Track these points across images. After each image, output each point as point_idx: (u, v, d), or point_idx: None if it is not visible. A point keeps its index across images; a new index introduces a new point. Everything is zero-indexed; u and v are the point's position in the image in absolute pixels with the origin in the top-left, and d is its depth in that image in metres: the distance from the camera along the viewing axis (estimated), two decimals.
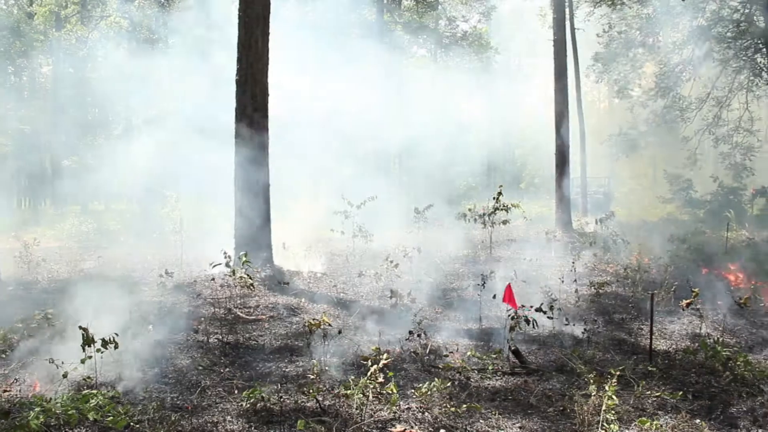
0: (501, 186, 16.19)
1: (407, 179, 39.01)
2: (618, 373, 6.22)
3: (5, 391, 6.78)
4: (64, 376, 6.72)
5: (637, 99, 31.61)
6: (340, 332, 8.94)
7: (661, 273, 12.82)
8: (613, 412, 5.81)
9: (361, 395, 6.23)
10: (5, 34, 34.80)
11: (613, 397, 5.81)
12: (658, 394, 6.69)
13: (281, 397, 6.66)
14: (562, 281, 12.14)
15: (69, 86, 41.10)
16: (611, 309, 10.72)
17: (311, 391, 6.36)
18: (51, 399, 5.87)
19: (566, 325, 9.41)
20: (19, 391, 6.92)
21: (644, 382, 6.85)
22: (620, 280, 12.74)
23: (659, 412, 6.32)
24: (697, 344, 8.53)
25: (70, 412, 5.68)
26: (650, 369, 7.50)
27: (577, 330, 9.26)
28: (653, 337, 8.34)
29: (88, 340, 6.53)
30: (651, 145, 31.52)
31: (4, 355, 8.17)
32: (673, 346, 8.77)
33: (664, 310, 10.59)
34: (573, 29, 28.29)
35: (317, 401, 6.41)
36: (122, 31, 32.80)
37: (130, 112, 22.47)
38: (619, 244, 13.77)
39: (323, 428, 5.80)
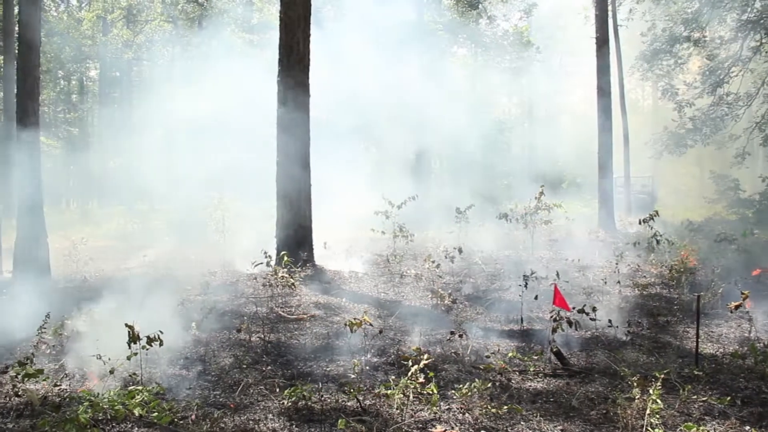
0: (542, 186, 16.05)
1: (448, 178, 38.90)
2: (663, 376, 6.11)
3: (56, 385, 6.94)
4: (111, 372, 6.85)
5: (683, 96, 31.05)
6: (380, 332, 8.96)
7: (707, 274, 12.57)
8: (657, 416, 5.71)
9: (402, 395, 6.23)
10: (56, 40, 35.64)
11: (658, 401, 5.72)
12: (704, 398, 6.55)
13: (322, 395, 6.70)
14: (605, 282, 11.99)
15: (115, 89, 41.97)
16: (656, 311, 10.54)
17: (352, 390, 6.38)
18: (99, 394, 5.99)
19: (609, 327, 9.28)
20: (69, 385, 7.08)
21: (690, 387, 6.71)
22: (665, 281, 12.52)
23: (706, 418, 6.19)
24: (746, 348, 8.32)
25: (116, 408, 5.79)
26: (696, 373, 7.33)
27: (621, 332, 9.13)
28: (699, 340, 8.18)
29: (133, 338, 6.64)
30: (696, 143, 30.90)
31: (54, 351, 8.38)
32: (721, 350, 8.58)
33: (710, 312, 10.37)
34: (616, 26, 27.92)
35: (358, 401, 6.43)
36: (166, 34, 33.32)
37: (174, 114, 22.80)
38: (664, 244, 13.53)
39: (363, 428, 5.82)
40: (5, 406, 6.46)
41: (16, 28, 14.72)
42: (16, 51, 14.70)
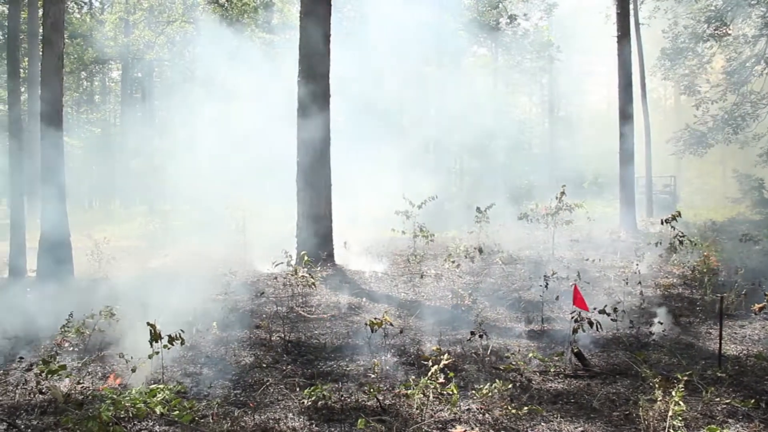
0: (564, 186, 15.96)
1: (469, 178, 38.83)
2: (685, 378, 6.05)
3: (79, 383, 7.02)
4: (133, 370, 6.91)
5: (705, 95, 30.74)
6: (401, 332, 8.97)
7: (731, 275, 12.44)
8: (680, 418, 5.66)
9: (422, 395, 6.24)
10: (79, 42, 36.04)
11: (680, 402, 5.67)
12: (728, 401, 6.48)
13: (342, 395, 6.72)
14: (626, 283, 11.90)
15: (137, 89, 42.33)
16: (678, 312, 10.45)
17: (372, 390, 6.39)
18: (121, 392, 6.05)
19: (630, 327, 9.22)
20: (92, 383, 7.16)
21: (713, 389, 6.65)
22: (687, 282, 12.40)
23: (729, 420, 6.12)
24: None
25: (138, 406, 5.84)
26: (719, 375, 7.26)
27: (642, 333, 9.06)
28: (723, 341, 8.09)
29: (155, 336, 6.69)
30: (719, 142, 30.59)
31: (77, 349, 8.47)
32: (744, 352, 8.48)
33: (734, 313, 10.26)
34: (637, 25, 27.66)
35: (378, 400, 6.44)
36: (187, 35, 33.56)
37: (195, 114, 22.97)
38: (686, 245, 13.42)
39: (383, 427, 5.82)
40: (30, 403, 6.55)
41: (41, 30, 14.90)
42: (41, 53, 14.89)
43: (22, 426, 6.02)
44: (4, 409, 6.45)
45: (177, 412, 5.82)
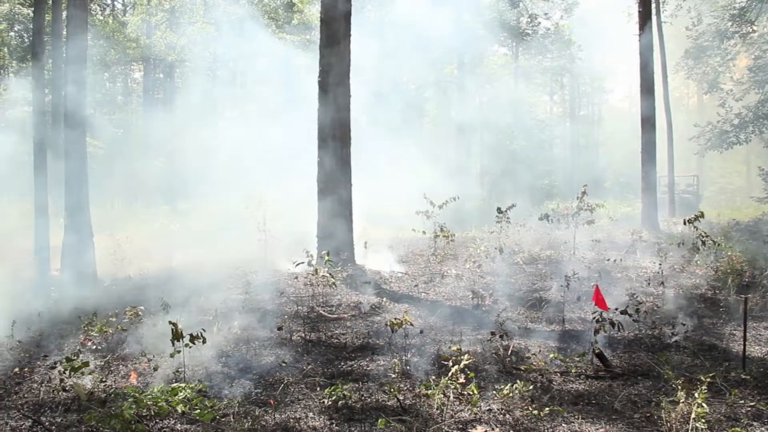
0: (585, 185, 15.86)
1: (489, 178, 38.72)
2: (708, 379, 6.00)
3: (101, 381, 7.10)
4: (155, 369, 6.98)
5: (729, 93, 30.40)
6: (421, 332, 8.97)
7: (755, 276, 12.29)
8: (703, 420, 5.60)
9: (442, 395, 6.24)
10: (101, 44, 36.39)
11: (703, 404, 5.61)
12: (752, 403, 6.41)
13: (362, 395, 6.73)
14: (648, 283, 11.81)
15: (158, 90, 42.67)
16: (701, 313, 10.35)
17: (392, 389, 6.40)
18: (143, 390, 6.11)
19: (653, 328, 9.14)
20: (114, 381, 7.23)
21: (737, 390, 6.58)
22: (710, 283, 12.27)
23: (754, 423, 6.05)
24: None
25: (160, 404, 5.90)
26: (743, 377, 7.18)
27: (664, 334, 8.99)
28: (747, 343, 8.00)
29: (176, 335, 6.75)
30: (743, 141, 30.23)
31: (100, 348, 8.56)
32: None
33: (758, 315, 10.14)
34: (659, 23, 27.41)
35: (398, 400, 6.44)
36: (208, 36, 33.78)
37: (216, 114, 23.13)
38: (710, 245, 13.28)
39: (404, 427, 5.83)
40: (54, 400, 6.63)
41: (64, 32, 15.06)
42: (64, 55, 15.06)
43: (47, 423, 6.09)
44: (29, 406, 6.54)
45: (198, 410, 5.87)
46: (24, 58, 32.90)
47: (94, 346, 8.57)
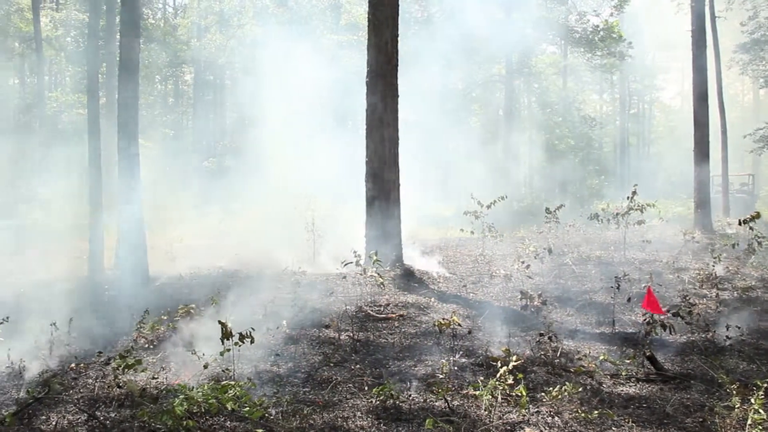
0: (636, 185, 15.61)
1: (537, 178, 38.35)
2: (765, 385, 5.86)
3: (153, 378, 7.25)
4: (205, 367, 7.10)
5: None
6: (469, 332, 8.95)
7: None
8: (759, 427, 5.47)
9: (490, 396, 6.21)
10: (153, 47, 37.13)
11: (760, 410, 5.49)
12: None
13: (410, 395, 6.75)
14: (701, 285, 11.57)
15: (208, 92, 43.34)
16: (757, 316, 10.09)
17: (440, 390, 6.40)
18: (193, 388, 6.22)
19: (706, 331, 8.96)
20: (166, 378, 7.38)
21: None
22: (767, 285, 11.97)
23: None
24: None
25: (210, 401, 6.00)
26: None
27: (718, 337, 8.80)
28: None
29: (226, 334, 6.84)
30: None
31: (152, 345, 8.75)
32: None
33: None
34: (713, 18, 26.79)
35: (446, 401, 6.44)
36: (257, 38, 34.15)
37: (265, 116, 23.36)
38: (766, 246, 12.94)
39: (451, 428, 5.83)
40: (107, 396, 6.80)
41: (117, 36, 15.40)
42: (117, 57, 15.40)
43: (101, 417, 6.26)
44: (85, 401, 6.72)
45: (247, 408, 5.96)
46: (79, 63, 33.73)
47: (146, 344, 8.77)
